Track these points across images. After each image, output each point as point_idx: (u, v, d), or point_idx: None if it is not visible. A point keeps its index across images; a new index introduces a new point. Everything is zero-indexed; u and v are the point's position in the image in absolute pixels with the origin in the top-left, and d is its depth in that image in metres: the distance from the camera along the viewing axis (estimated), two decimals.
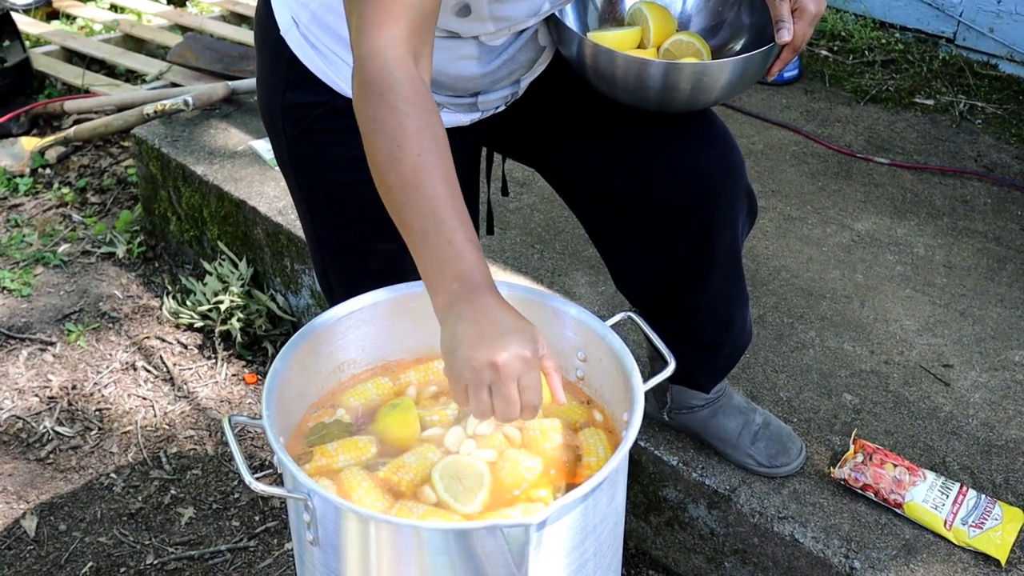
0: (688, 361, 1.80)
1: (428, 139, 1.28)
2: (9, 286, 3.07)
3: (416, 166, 1.26)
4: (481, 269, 1.26)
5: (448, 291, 1.25)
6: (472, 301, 1.23)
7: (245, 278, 2.89)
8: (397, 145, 1.27)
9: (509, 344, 1.21)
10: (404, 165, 1.27)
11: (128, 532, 2.29)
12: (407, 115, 1.27)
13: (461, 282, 1.24)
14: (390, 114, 1.27)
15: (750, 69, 1.56)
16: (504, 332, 1.22)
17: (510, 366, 1.20)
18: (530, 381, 1.22)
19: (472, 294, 1.24)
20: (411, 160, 1.26)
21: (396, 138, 1.27)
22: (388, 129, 1.27)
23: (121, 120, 3.50)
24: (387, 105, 1.28)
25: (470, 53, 1.53)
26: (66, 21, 4.83)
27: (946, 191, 2.95)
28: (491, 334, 1.21)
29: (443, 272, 1.26)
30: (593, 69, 1.58)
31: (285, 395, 1.42)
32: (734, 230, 1.73)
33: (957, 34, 3.78)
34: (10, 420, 2.60)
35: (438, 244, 1.26)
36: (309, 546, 1.33)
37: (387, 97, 1.28)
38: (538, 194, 2.87)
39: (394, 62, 1.28)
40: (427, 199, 1.26)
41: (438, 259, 1.26)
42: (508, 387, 1.21)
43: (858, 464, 1.94)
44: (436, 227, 1.26)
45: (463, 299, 1.24)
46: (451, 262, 1.25)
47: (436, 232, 1.26)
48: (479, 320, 1.22)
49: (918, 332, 2.38)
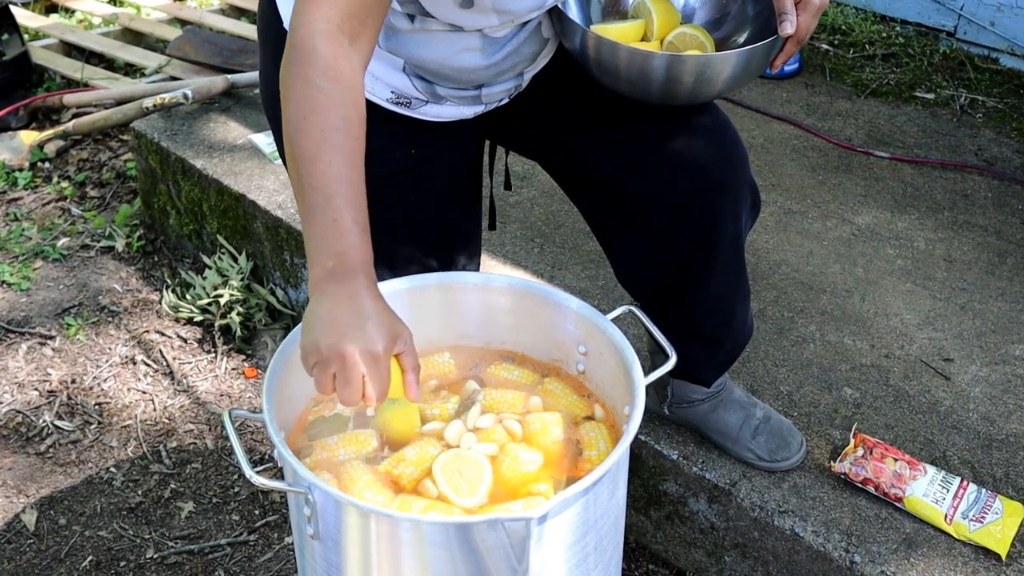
0: (689, 355, 1.80)
1: (336, 116, 1.29)
2: (8, 280, 3.06)
3: (318, 140, 1.28)
4: (360, 252, 1.27)
5: (323, 267, 1.27)
6: (342, 282, 1.26)
7: (245, 272, 2.89)
8: (303, 117, 1.29)
9: (362, 337, 1.23)
10: (307, 137, 1.29)
11: (128, 526, 2.29)
12: (320, 89, 1.29)
13: (337, 260, 1.26)
14: (304, 86, 1.30)
15: (753, 61, 1.55)
16: (362, 323, 1.23)
17: (356, 359, 1.22)
18: (375, 375, 1.24)
19: (345, 275, 1.26)
20: (315, 133, 1.28)
21: (304, 110, 1.29)
22: (300, 100, 1.30)
23: (120, 114, 3.49)
24: (303, 77, 1.30)
25: (473, 45, 1.53)
26: (65, 14, 4.82)
27: (947, 185, 2.95)
28: (347, 322, 1.23)
29: (322, 247, 1.27)
30: (596, 62, 1.57)
31: (285, 389, 1.42)
32: (737, 224, 1.72)
33: (958, 28, 3.77)
34: (10, 414, 2.60)
35: (323, 220, 1.27)
36: (310, 540, 1.33)
37: (304, 69, 1.30)
38: (538, 188, 2.86)
39: (320, 36, 1.30)
40: (321, 174, 1.28)
41: (320, 234, 1.28)
42: (352, 379, 1.23)
43: (858, 458, 1.94)
44: (325, 202, 1.27)
45: (335, 278, 1.26)
46: (331, 239, 1.27)
47: (323, 208, 1.27)
48: (341, 304, 1.24)
49: (918, 326, 2.37)
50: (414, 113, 1.61)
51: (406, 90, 1.57)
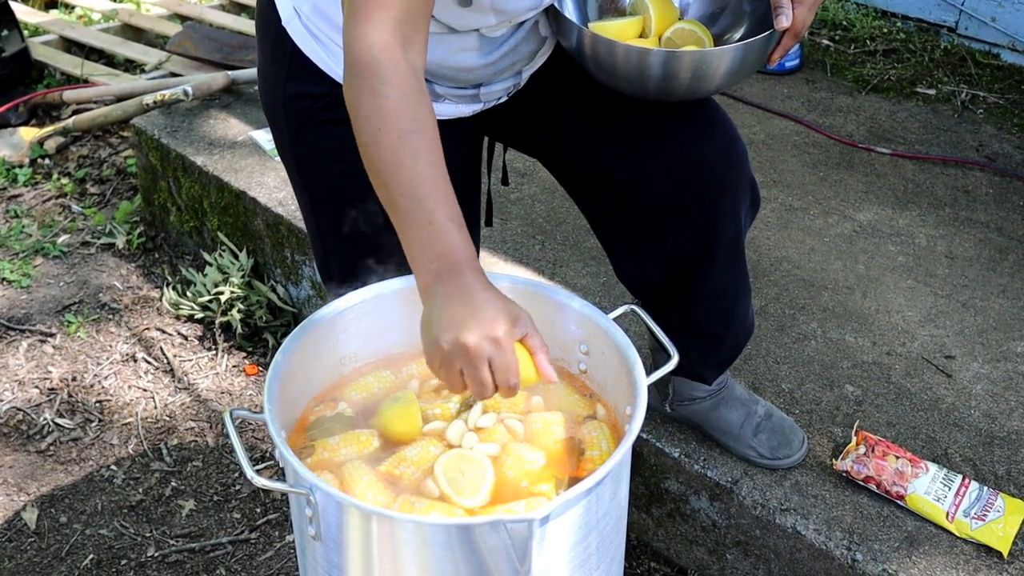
0: (691, 353, 1.80)
1: (408, 120, 1.28)
2: (9, 277, 3.06)
3: (396, 147, 1.28)
4: (462, 249, 1.27)
5: (428, 271, 1.26)
6: (451, 281, 1.25)
7: (245, 269, 2.88)
8: (378, 128, 1.28)
9: (480, 324, 1.22)
10: (384, 147, 1.28)
11: (129, 524, 2.29)
12: (387, 98, 1.28)
13: (441, 262, 1.26)
14: (371, 98, 1.29)
15: (750, 56, 1.55)
16: (477, 312, 1.22)
17: (480, 347, 1.21)
18: (502, 362, 1.22)
19: (451, 273, 1.25)
20: (391, 141, 1.28)
21: (376, 121, 1.29)
22: (370, 112, 1.29)
23: (120, 110, 3.49)
24: (369, 89, 1.29)
25: (471, 45, 1.53)
26: (65, 10, 4.81)
27: (948, 181, 2.95)
28: (464, 315, 1.22)
29: (423, 252, 1.27)
30: (593, 59, 1.57)
31: (287, 389, 1.42)
32: (737, 221, 1.72)
33: (959, 23, 3.76)
34: (10, 412, 2.60)
35: (419, 224, 1.27)
36: (311, 541, 1.33)
37: (369, 81, 1.29)
38: (539, 185, 2.86)
39: (378, 46, 1.29)
40: (408, 180, 1.27)
41: (419, 239, 1.27)
42: (479, 369, 1.22)
43: (860, 456, 1.94)
44: (417, 207, 1.27)
45: (442, 279, 1.25)
46: (431, 242, 1.26)
47: (417, 212, 1.27)
48: (455, 301, 1.23)
49: (920, 323, 2.37)
50: None
51: None
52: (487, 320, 1.22)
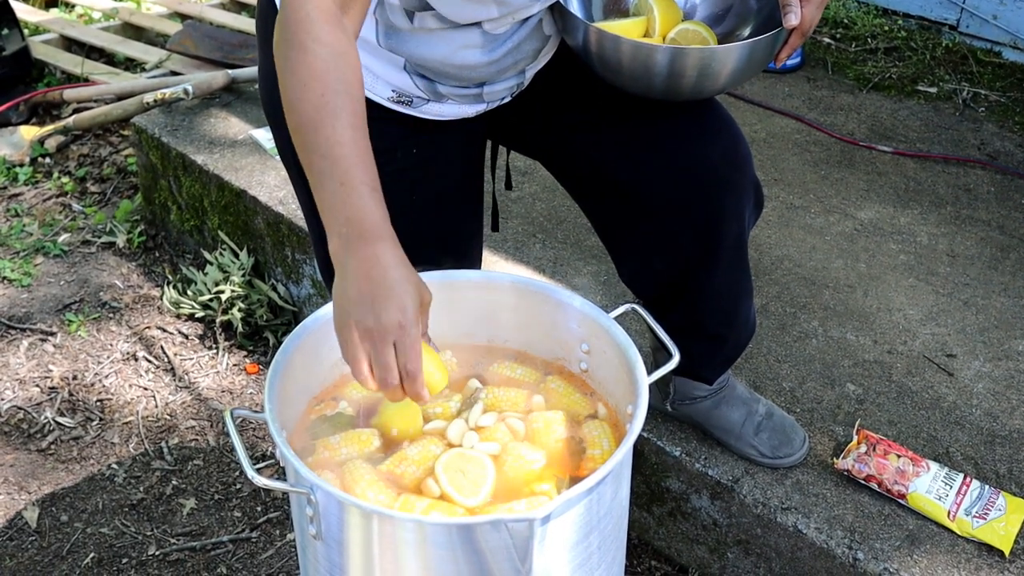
0: (692, 353, 1.79)
1: (334, 80, 1.28)
2: (9, 276, 3.06)
3: (319, 106, 1.27)
4: (373, 213, 1.25)
5: (339, 234, 1.25)
6: (358, 251, 1.23)
7: (246, 268, 2.88)
8: (303, 85, 1.28)
9: (385, 306, 1.20)
10: (307, 104, 1.27)
11: (130, 523, 2.29)
12: (316, 55, 1.28)
13: (351, 226, 1.24)
14: (301, 54, 1.28)
15: (757, 54, 1.54)
16: (386, 292, 1.21)
17: (385, 330, 1.20)
18: (404, 345, 1.21)
19: (360, 241, 1.23)
20: (315, 99, 1.27)
21: (303, 78, 1.28)
22: (296, 69, 1.29)
23: (121, 109, 3.48)
24: (299, 45, 1.29)
25: (474, 42, 1.52)
26: (65, 9, 4.81)
27: (949, 179, 2.94)
28: (373, 294, 1.21)
29: (334, 214, 1.25)
30: (599, 57, 1.56)
31: (287, 388, 1.42)
32: (740, 222, 1.72)
33: (960, 21, 3.76)
34: (11, 411, 2.60)
35: (331, 186, 1.25)
36: (312, 540, 1.33)
37: (300, 37, 1.29)
38: (540, 184, 2.86)
39: (312, 5, 1.29)
40: (325, 139, 1.26)
41: (330, 200, 1.26)
42: (382, 351, 1.21)
43: (861, 455, 1.94)
44: (331, 168, 1.26)
45: (351, 246, 1.23)
46: (341, 204, 1.25)
47: (330, 173, 1.25)
48: (362, 275, 1.22)
49: (921, 322, 2.37)
50: (415, 112, 1.60)
51: (407, 89, 1.57)
52: (394, 302, 1.21)
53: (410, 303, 1.22)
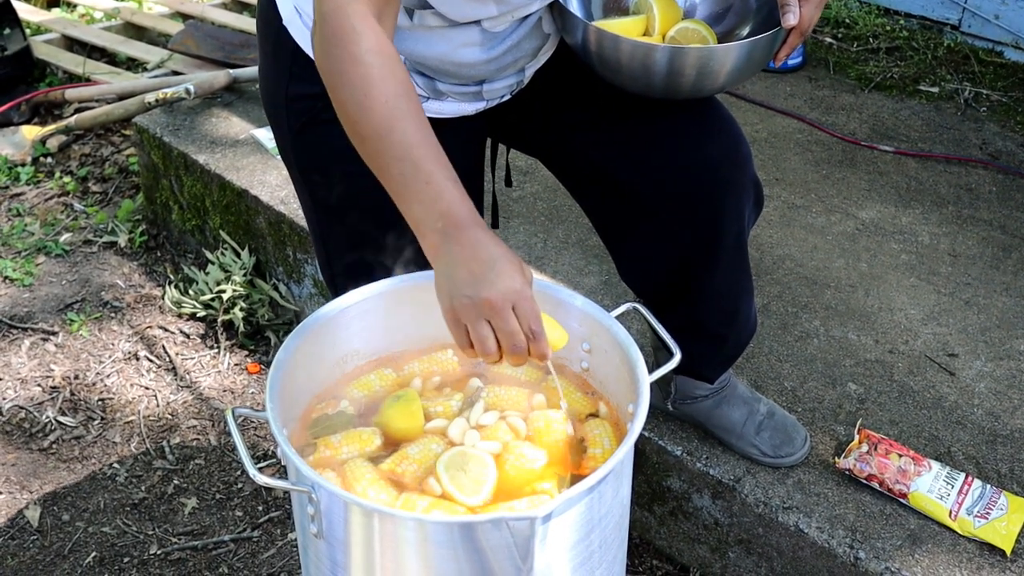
0: (693, 352, 1.79)
1: (394, 85, 1.29)
2: (11, 275, 3.06)
3: (385, 113, 1.28)
4: (464, 205, 1.27)
5: (435, 231, 1.26)
6: (459, 239, 1.25)
7: (247, 267, 2.88)
8: (364, 94, 1.28)
9: (499, 277, 1.22)
10: (374, 113, 1.28)
11: (131, 522, 2.29)
12: (371, 65, 1.29)
13: (446, 220, 1.26)
14: (354, 65, 1.29)
15: (756, 53, 1.54)
16: (494, 265, 1.23)
17: (504, 297, 1.22)
18: (525, 308, 1.23)
19: (458, 231, 1.25)
20: (380, 107, 1.28)
21: (362, 87, 1.28)
22: (354, 80, 1.29)
23: (122, 108, 3.49)
24: (351, 57, 1.29)
25: (473, 40, 1.52)
26: (67, 9, 4.81)
27: (951, 179, 2.94)
28: (483, 270, 1.23)
29: (427, 213, 1.27)
30: (598, 56, 1.56)
31: (289, 387, 1.42)
32: (741, 221, 1.72)
33: (962, 21, 3.75)
34: (13, 410, 2.60)
35: (417, 187, 1.27)
36: (313, 538, 1.33)
37: (350, 49, 1.29)
38: (541, 183, 2.86)
39: (356, 16, 1.30)
40: (400, 143, 1.27)
41: (419, 201, 1.27)
42: (506, 319, 1.23)
43: (863, 454, 1.94)
44: (413, 170, 1.27)
45: (451, 237, 1.25)
46: (432, 202, 1.26)
47: (413, 175, 1.27)
48: (469, 258, 1.24)
49: (923, 321, 2.37)
50: None
51: None
52: (505, 273, 1.23)
53: (520, 274, 1.24)
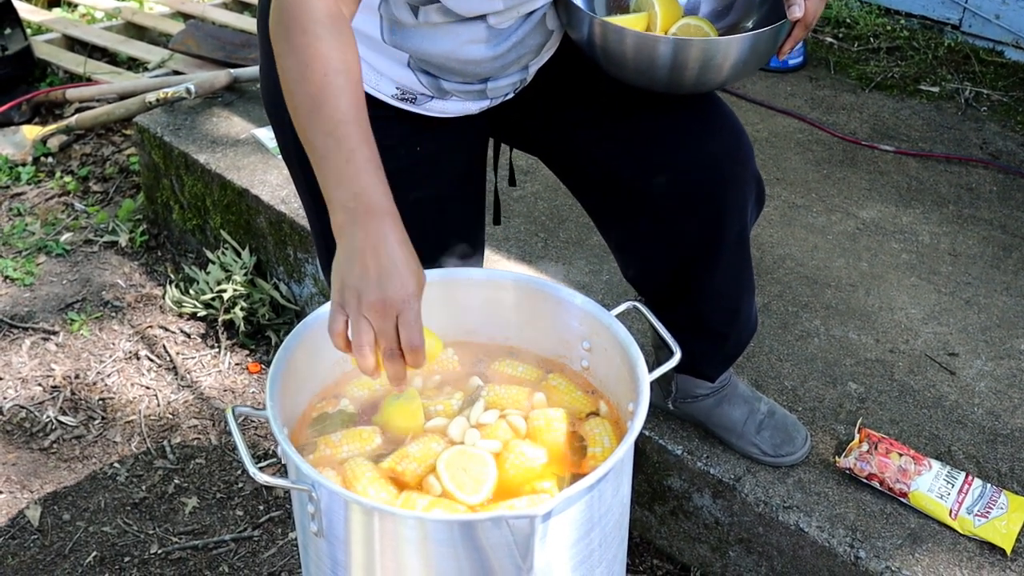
0: (694, 350, 1.79)
1: (337, 60, 1.30)
2: (12, 275, 3.06)
3: (322, 85, 1.29)
4: (378, 190, 1.28)
5: (344, 208, 1.27)
6: (365, 225, 1.26)
7: (248, 267, 2.88)
8: (305, 65, 1.30)
9: (391, 281, 1.23)
10: (310, 84, 1.29)
11: (132, 521, 2.29)
12: (318, 36, 1.30)
13: (358, 201, 1.27)
14: (301, 35, 1.30)
15: (760, 46, 1.54)
16: (389, 268, 1.24)
17: (391, 302, 1.23)
18: (408, 319, 1.24)
19: (368, 216, 1.26)
20: (317, 79, 1.29)
21: (304, 58, 1.30)
22: (298, 49, 1.31)
23: (123, 108, 3.49)
24: (299, 27, 1.30)
25: (479, 37, 1.52)
26: (68, 9, 4.81)
27: (951, 179, 2.94)
28: (376, 270, 1.24)
29: (340, 190, 1.28)
30: (603, 49, 1.57)
31: (289, 386, 1.42)
32: (743, 217, 1.72)
33: (963, 21, 3.75)
34: (13, 409, 2.60)
35: (336, 162, 1.28)
36: (313, 537, 1.33)
37: (300, 20, 1.30)
38: (542, 182, 2.86)
39: None
40: (329, 118, 1.28)
41: (336, 177, 1.28)
42: (386, 323, 1.23)
43: (863, 453, 1.94)
44: (336, 145, 1.28)
45: (358, 220, 1.26)
46: (348, 180, 1.27)
47: (336, 150, 1.28)
48: (368, 250, 1.25)
49: (923, 321, 2.37)
50: (419, 109, 1.60)
51: (411, 85, 1.57)
52: (398, 277, 1.24)
53: (413, 280, 1.25)
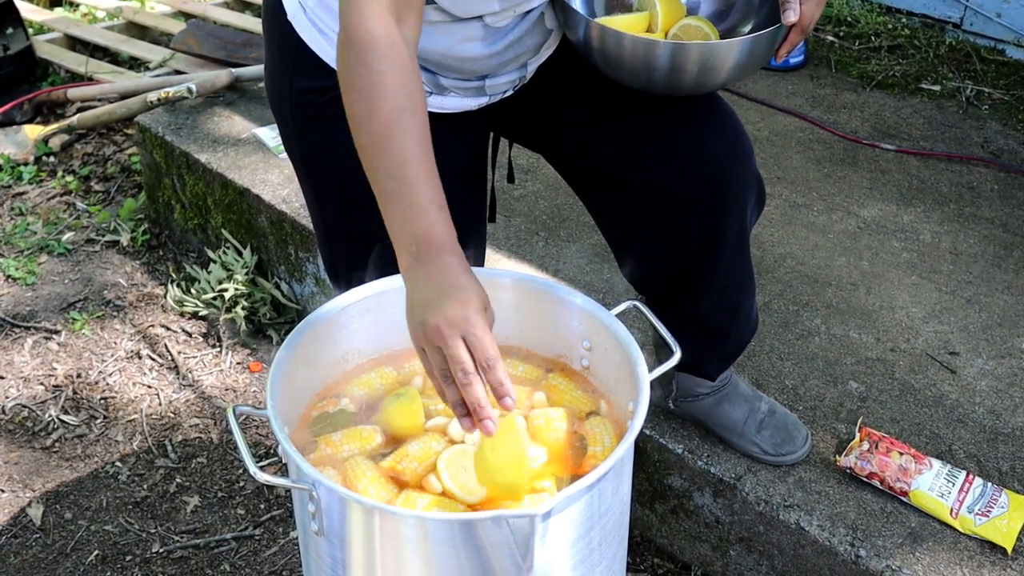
0: (695, 349, 1.79)
1: (403, 97, 1.29)
2: (14, 274, 3.07)
3: (388, 123, 1.28)
4: (442, 231, 1.27)
5: (408, 253, 1.27)
6: (428, 263, 1.26)
7: (249, 266, 2.89)
8: (371, 102, 1.29)
9: (448, 304, 1.22)
10: (376, 123, 1.29)
11: (134, 520, 2.30)
12: (382, 73, 1.29)
13: (420, 244, 1.26)
14: (367, 72, 1.30)
15: (757, 50, 1.54)
16: (451, 292, 1.23)
17: (449, 325, 1.21)
18: (474, 339, 1.21)
19: (429, 255, 1.26)
20: (383, 117, 1.29)
21: (371, 96, 1.29)
22: (364, 87, 1.30)
23: (124, 108, 3.49)
24: (364, 63, 1.30)
25: (475, 34, 1.52)
26: (69, 8, 4.81)
27: (952, 177, 2.94)
28: (439, 295, 1.23)
29: (403, 233, 1.28)
30: (600, 52, 1.57)
31: (290, 385, 1.42)
32: (743, 217, 1.72)
33: (964, 19, 3.75)
34: (15, 409, 2.60)
35: (400, 205, 1.28)
36: (314, 536, 1.33)
37: (364, 56, 1.30)
38: (543, 181, 2.86)
39: (374, 21, 1.30)
40: (395, 157, 1.28)
41: (400, 220, 1.28)
42: (453, 346, 1.21)
43: (864, 452, 1.94)
44: (399, 188, 1.28)
45: (421, 261, 1.26)
46: (411, 222, 1.27)
47: (399, 193, 1.28)
48: (432, 283, 1.24)
49: (924, 319, 2.37)
50: None
51: None
52: (457, 301, 1.22)
53: (475, 297, 1.23)
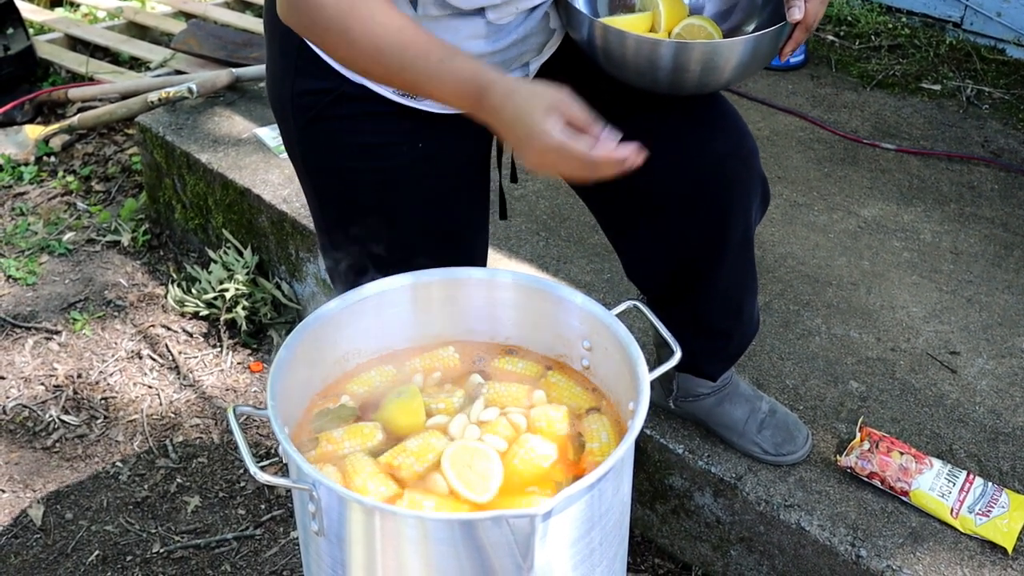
0: (696, 349, 1.79)
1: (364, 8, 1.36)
2: (14, 275, 3.07)
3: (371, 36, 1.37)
4: (474, 68, 1.38)
5: (472, 106, 1.38)
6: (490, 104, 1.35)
7: (250, 266, 2.89)
8: (346, 29, 1.37)
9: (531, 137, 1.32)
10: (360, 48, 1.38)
11: (134, 520, 2.30)
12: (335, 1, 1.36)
13: (471, 89, 1.36)
14: (318, 10, 1.37)
15: (761, 49, 1.54)
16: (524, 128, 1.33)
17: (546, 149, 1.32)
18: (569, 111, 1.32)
19: (488, 96, 1.35)
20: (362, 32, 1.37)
21: (343, 25, 1.37)
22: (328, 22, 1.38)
23: (125, 108, 3.49)
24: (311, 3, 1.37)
25: (477, 32, 1.52)
26: (70, 8, 4.82)
27: (953, 177, 2.94)
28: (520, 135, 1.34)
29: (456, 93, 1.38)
30: (604, 51, 1.57)
31: (290, 385, 1.42)
32: (747, 217, 1.72)
33: (964, 18, 3.75)
34: (16, 409, 2.60)
35: (432, 77, 1.38)
36: (314, 536, 1.33)
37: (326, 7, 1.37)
38: (543, 181, 2.86)
39: None
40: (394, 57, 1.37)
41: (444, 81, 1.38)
42: (564, 156, 1.32)
43: (864, 452, 1.94)
44: (417, 66, 1.37)
45: (484, 107, 1.36)
46: (454, 77, 1.37)
47: (423, 69, 1.37)
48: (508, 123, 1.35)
49: (925, 319, 2.37)
50: (420, 105, 1.60)
51: None
52: (541, 94, 1.33)
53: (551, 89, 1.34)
